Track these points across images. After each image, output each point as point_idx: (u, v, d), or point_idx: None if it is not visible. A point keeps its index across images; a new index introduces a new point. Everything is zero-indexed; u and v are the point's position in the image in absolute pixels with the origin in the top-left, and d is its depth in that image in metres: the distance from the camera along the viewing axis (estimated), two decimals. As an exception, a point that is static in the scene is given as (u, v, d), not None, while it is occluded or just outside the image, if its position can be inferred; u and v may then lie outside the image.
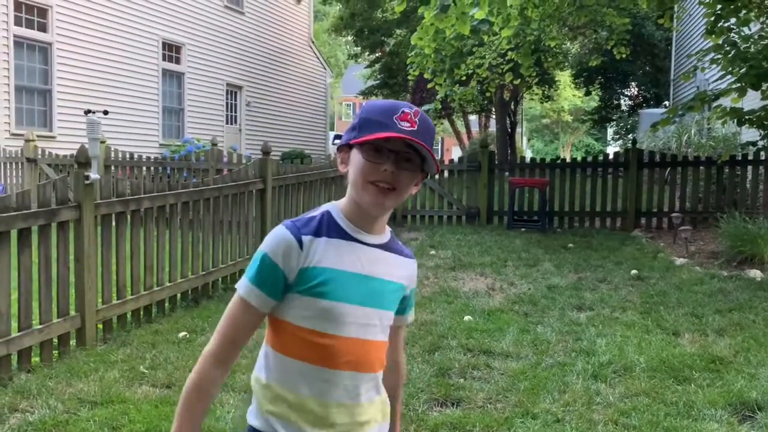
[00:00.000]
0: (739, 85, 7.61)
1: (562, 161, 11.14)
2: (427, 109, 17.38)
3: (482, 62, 12.07)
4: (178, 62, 16.25)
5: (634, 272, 7.02)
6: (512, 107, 23.92)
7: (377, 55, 27.09)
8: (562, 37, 14.34)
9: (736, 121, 8.02)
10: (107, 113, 11.29)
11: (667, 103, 21.08)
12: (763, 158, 9.81)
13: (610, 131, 30.49)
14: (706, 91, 8.82)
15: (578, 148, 49.52)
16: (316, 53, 23.63)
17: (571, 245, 8.79)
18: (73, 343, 4.49)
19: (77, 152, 4.69)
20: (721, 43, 8.01)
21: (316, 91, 23.45)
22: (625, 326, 5.13)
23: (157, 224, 5.38)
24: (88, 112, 10.53)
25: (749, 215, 8.02)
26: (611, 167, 10.85)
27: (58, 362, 4.21)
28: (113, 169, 11.46)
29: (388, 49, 25.83)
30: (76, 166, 4.61)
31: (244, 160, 11.11)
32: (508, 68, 12.61)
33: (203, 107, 17.12)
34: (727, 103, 8.14)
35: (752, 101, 8.78)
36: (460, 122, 28.64)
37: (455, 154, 35.36)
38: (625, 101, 25.46)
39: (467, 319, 5.30)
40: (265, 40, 20.01)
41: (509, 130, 23.41)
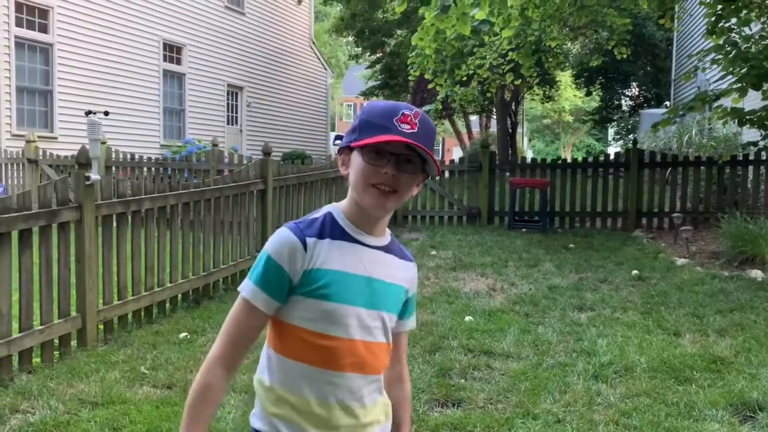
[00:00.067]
0: (739, 85, 7.62)
1: (563, 161, 11.14)
2: (427, 109, 17.37)
3: (483, 63, 12.05)
4: (179, 63, 16.26)
5: (635, 272, 7.02)
6: (513, 107, 23.91)
7: (378, 55, 27.11)
8: (562, 37, 14.33)
9: (737, 121, 8.02)
10: (108, 114, 11.30)
11: (668, 103, 21.06)
12: (764, 158, 9.80)
13: (611, 131, 30.52)
14: (707, 91, 8.83)
15: (579, 148, 49.50)
16: (316, 54, 23.63)
17: (572, 245, 8.79)
18: (74, 343, 4.49)
19: (78, 153, 4.69)
20: (721, 43, 8.02)
21: (316, 91, 23.46)
22: (626, 326, 5.13)
23: (157, 225, 5.38)
24: (88, 113, 10.53)
25: (750, 215, 8.01)
26: (612, 167, 10.85)
27: (59, 363, 4.22)
28: (114, 169, 11.46)
29: (388, 49, 25.84)
30: (76, 166, 4.61)
31: (244, 160, 11.11)
32: (508, 68, 12.60)
33: (204, 108, 17.12)
34: (728, 103, 8.14)
35: (753, 101, 8.78)
36: (460, 122, 28.64)
37: (456, 154, 35.36)
38: (626, 101, 25.45)
39: (468, 319, 5.30)
40: (265, 40, 20.01)
41: (510, 130, 23.41)
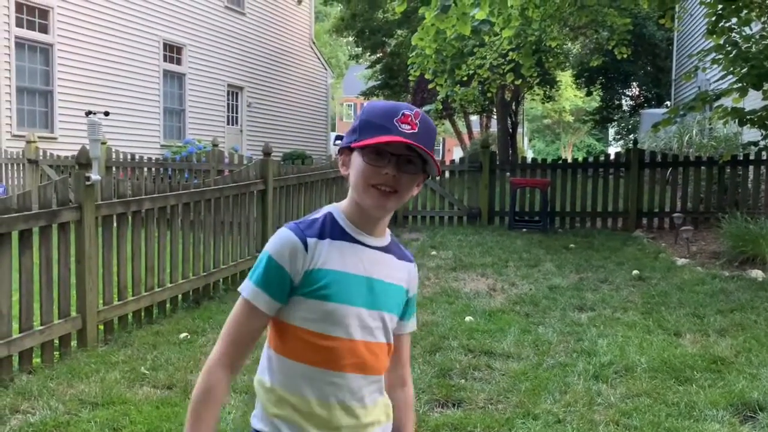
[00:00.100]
0: (740, 85, 7.61)
1: (563, 161, 11.14)
2: (428, 109, 17.36)
3: (483, 63, 12.05)
4: (179, 63, 16.27)
5: (635, 272, 7.01)
6: (513, 107, 23.93)
7: (378, 55, 27.12)
8: (563, 37, 14.33)
9: (737, 121, 8.02)
10: (108, 114, 11.29)
11: (668, 103, 21.06)
12: (764, 158, 9.80)
13: (611, 131, 30.52)
14: (707, 91, 8.82)
15: (579, 148, 49.52)
16: (317, 54, 23.63)
17: (572, 246, 8.79)
18: (74, 344, 4.49)
19: (78, 153, 4.69)
20: (722, 43, 8.01)
21: (317, 91, 23.46)
22: (626, 327, 5.12)
23: (158, 225, 5.37)
24: (89, 113, 10.53)
25: (751, 215, 8.01)
26: (612, 167, 10.85)
27: (59, 363, 4.21)
28: (114, 170, 11.46)
29: (389, 49, 25.84)
30: (77, 167, 4.60)
31: (245, 160, 11.11)
32: (509, 68, 12.61)
33: (204, 108, 17.13)
34: (728, 103, 8.14)
35: (753, 101, 8.77)
36: (461, 122, 28.64)
37: (456, 154, 35.39)
38: (626, 101, 25.45)
39: (468, 319, 5.30)
40: (266, 40, 20.01)
41: (510, 130, 23.42)
